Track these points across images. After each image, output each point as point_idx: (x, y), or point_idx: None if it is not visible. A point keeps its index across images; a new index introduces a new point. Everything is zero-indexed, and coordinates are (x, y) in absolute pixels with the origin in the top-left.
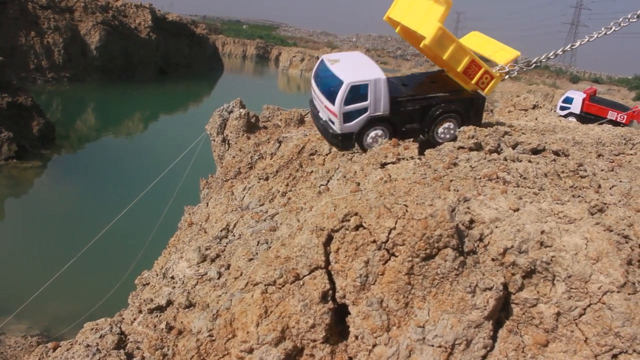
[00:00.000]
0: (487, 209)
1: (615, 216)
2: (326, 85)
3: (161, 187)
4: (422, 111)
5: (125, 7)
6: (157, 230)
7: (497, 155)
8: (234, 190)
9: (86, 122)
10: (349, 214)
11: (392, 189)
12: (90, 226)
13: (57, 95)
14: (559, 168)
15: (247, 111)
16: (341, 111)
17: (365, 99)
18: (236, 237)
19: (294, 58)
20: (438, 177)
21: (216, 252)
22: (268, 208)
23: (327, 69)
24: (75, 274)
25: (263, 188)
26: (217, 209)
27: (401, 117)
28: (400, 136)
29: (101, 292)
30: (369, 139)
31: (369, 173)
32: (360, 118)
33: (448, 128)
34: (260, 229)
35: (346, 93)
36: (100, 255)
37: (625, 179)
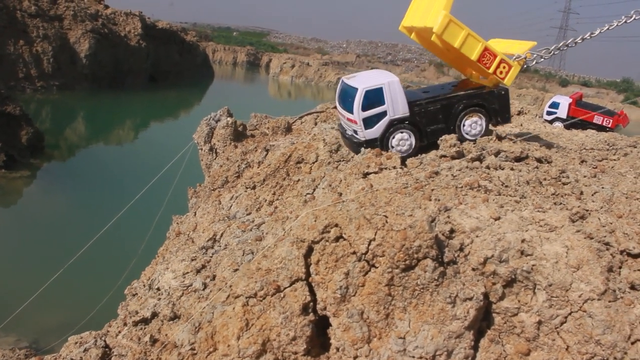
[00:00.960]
0: (468, 218)
1: (596, 223)
2: (346, 98)
3: (152, 196)
4: (445, 111)
5: (114, 15)
6: (149, 238)
7: (479, 163)
8: (221, 200)
9: (76, 131)
10: (329, 225)
11: (373, 199)
12: (80, 236)
13: (47, 104)
14: (541, 175)
15: (234, 120)
16: (360, 117)
17: (382, 103)
18: (222, 247)
19: (285, 65)
20: (420, 186)
21: (202, 263)
22: (255, 217)
23: (346, 84)
24: (65, 285)
25: (250, 197)
26: (205, 219)
27: (423, 119)
28: (428, 138)
29: (92, 302)
30: (395, 142)
31: (351, 183)
32: (381, 122)
33: (475, 122)
34: (246, 239)
35: (362, 98)
36: (91, 265)
37: (608, 185)
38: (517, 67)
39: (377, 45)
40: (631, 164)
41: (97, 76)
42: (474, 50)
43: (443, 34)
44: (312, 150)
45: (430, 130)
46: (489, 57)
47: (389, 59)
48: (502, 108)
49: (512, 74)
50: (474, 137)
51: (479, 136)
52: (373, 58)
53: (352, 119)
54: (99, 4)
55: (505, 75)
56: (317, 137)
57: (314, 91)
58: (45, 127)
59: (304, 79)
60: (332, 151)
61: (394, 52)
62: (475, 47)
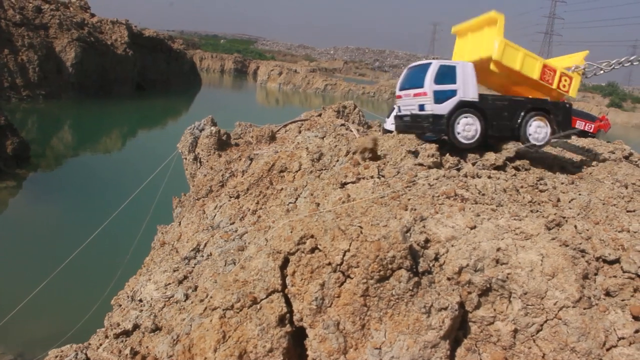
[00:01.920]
0: (444, 228)
1: (572, 231)
2: (415, 76)
3: (139, 205)
4: (512, 109)
5: (101, 24)
6: (136, 248)
7: (457, 172)
8: (205, 209)
9: (62, 140)
10: (304, 237)
11: (349, 210)
12: (67, 246)
13: (33, 113)
14: (518, 183)
15: (218, 129)
16: (431, 89)
17: (454, 82)
18: (205, 257)
19: (272, 72)
20: (396, 196)
21: (184, 274)
22: (238, 227)
23: (415, 67)
24: (53, 295)
25: (234, 206)
26: (189, 228)
27: (491, 111)
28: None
29: (80, 312)
30: (460, 127)
31: (329, 193)
32: (450, 101)
33: (539, 127)
34: (229, 249)
35: (436, 71)
36: (79, 275)
37: (585, 191)
38: (577, 77)
39: (364, 51)
40: (609, 170)
41: (83, 85)
42: (534, 69)
43: (502, 59)
44: (295, 159)
45: (495, 124)
46: (550, 73)
47: (377, 65)
48: (565, 121)
49: (575, 85)
50: (537, 143)
51: (542, 143)
52: (361, 64)
53: (420, 92)
54: (85, 13)
55: (568, 87)
56: (300, 145)
57: (302, 98)
58: (31, 137)
59: (292, 86)
60: (314, 160)
61: (381, 58)
62: (534, 66)
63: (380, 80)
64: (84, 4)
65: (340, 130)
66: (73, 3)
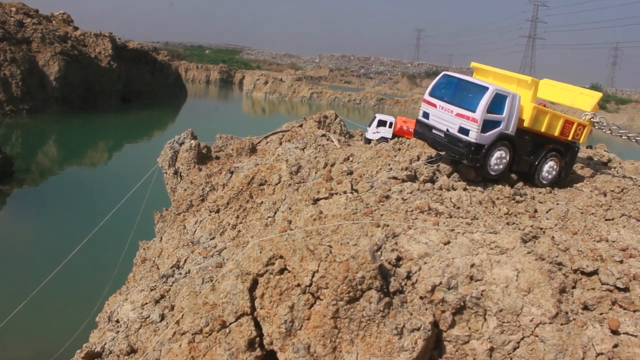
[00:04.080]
0: (416, 244)
1: (548, 243)
2: (464, 93)
3: (124, 220)
4: (536, 145)
5: (84, 37)
6: (122, 262)
7: (432, 184)
8: (186, 224)
9: (47, 155)
10: (273, 257)
11: (320, 227)
12: (51, 263)
13: (16, 128)
14: (494, 195)
15: (198, 142)
16: (483, 117)
17: (502, 112)
18: (183, 274)
19: (258, 81)
20: (369, 211)
21: (161, 293)
22: (217, 242)
23: (461, 80)
24: (36, 314)
25: (214, 221)
26: (170, 244)
27: (520, 146)
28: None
29: (66, 331)
30: (495, 159)
31: (301, 210)
32: (493, 132)
33: (551, 167)
34: (207, 266)
35: (490, 100)
36: (64, 293)
37: (563, 200)
38: (589, 126)
39: (349, 58)
40: (588, 177)
41: (67, 98)
42: (557, 127)
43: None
44: (275, 171)
45: (519, 159)
46: (568, 127)
47: (362, 72)
48: (569, 164)
49: (586, 133)
50: (546, 182)
51: (546, 183)
52: (346, 72)
53: (468, 116)
54: (68, 26)
55: (580, 136)
56: (280, 157)
57: (288, 107)
58: (15, 152)
59: (278, 95)
60: (292, 172)
61: (366, 65)
62: (557, 124)
63: (366, 87)
64: (66, 17)
65: (321, 140)
66: (56, 17)
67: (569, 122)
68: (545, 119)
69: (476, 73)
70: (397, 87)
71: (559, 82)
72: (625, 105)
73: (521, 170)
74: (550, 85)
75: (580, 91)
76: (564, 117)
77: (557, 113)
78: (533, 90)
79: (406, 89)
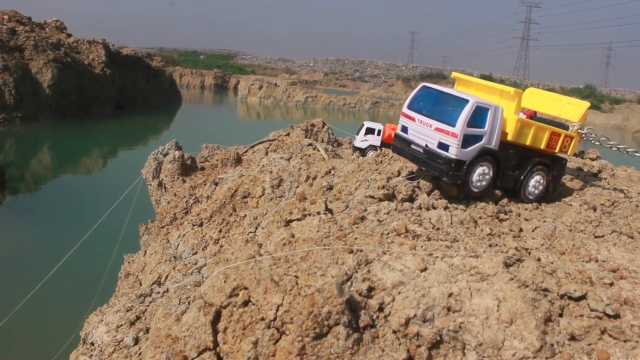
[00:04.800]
0: (391, 272)
1: (532, 267)
2: (443, 107)
3: (112, 231)
4: (521, 159)
5: (77, 44)
6: (109, 275)
7: (410, 204)
8: (169, 238)
9: (41, 162)
10: (237, 288)
11: (290, 253)
12: (38, 274)
13: (10, 136)
14: (476, 213)
15: (182, 153)
16: (463, 132)
17: (483, 126)
18: (160, 294)
19: (252, 86)
20: (342, 235)
21: (137, 314)
22: (199, 258)
23: (441, 92)
24: (21, 327)
25: (197, 235)
26: (152, 259)
27: (504, 160)
28: (500, 181)
29: (51, 346)
30: (477, 175)
31: (273, 232)
32: (475, 147)
33: (538, 182)
34: (186, 284)
35: (470, 113)
36: (48, 306)
37: (550, 217)
38: (577, 137)
39: (344, 62)
40: (577, 190)
41: (61, 106)
42: (543, 139)
43: (515, 139)
44: (259, 183)
45: (504, 174)
46: (554, 139)
47: (357, 76)
48: (557, 178)
49: (574, 146)
50: (532, 198)
51: (532, 198)
52: (341, 75)
53: (447, 131)
54: (61, 33)
55: (568, 148)
56: (265, 168)
57: (283, 111)
58: (8, 160)
59: (273, 100)
60: (274, 186)
61: (361, 69)
62: (543, 137)
63: (361, 91)
64: (59, 25)
65: (308, 150)
66: (49, 24)
67: (555, 134)
68: (530, 132)
69: (457, 84)
70: (392, 90)
71: (545, 90)
72: (620, 105)
73: (506, 186)
74: (537, 95)
75: (568, 100)
76: (550, 129)
77: (542, 125)
78: (516, 101)
79: (401, 92)
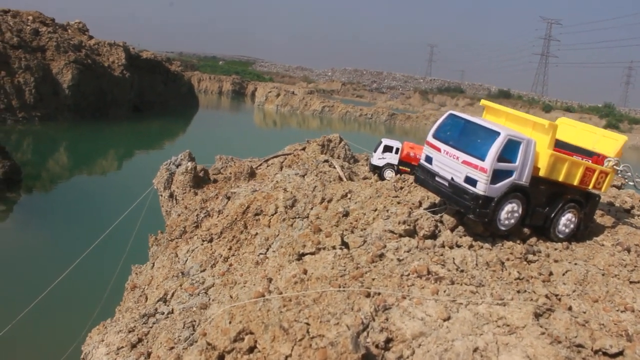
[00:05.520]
0: (411, 321)
1: (565, 320)
2: (471, 138)
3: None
4: (552, 195)
5: (98, 46)
6: (114, 285)
7: (433, 241)
8: (178, 252)
9: (58, 162)
10: (243, 331)
11: (301, 294)
12: (49, 275)
13: (28, 135)
14: (503, 255)
15: (195, 165)
16: (492, 167)
17: (514, 160)
18: (165, 314)
19: (270, 93)
20: (359, 274)
21: (139, 336)
22: (207, 276)
23: (469, 122)
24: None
25: (206, 251)
26: (160, 272)
27: (536, 195)
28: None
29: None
30: (505, 213)
31: (284, 266)
32: (504, 182)
33: (569, 220)
34: (192, 306)
35: (502, 146)
36: (56, 313)
37: (582, 259)
38: (612, 174)
39: (362, 73)
40: (609, 227)
41: (80, 107)
42: (577, 175)
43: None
44: (272, 201)
45: (532, 212)
46: (589, 175)
47: (374, 87)
48: (589, 216)
49: (608, 182)
50: (563, 237)
51: (563, 237)
52: (358, 86)
53: (476, 165)
54: (83, 35)
55: (602, 185)
56: (278, 185)
57: (300, 120)
58: (26, 159)
59: (290, 108)
60: (287, 207)
61: (379, 80)
62: (577, 173)
63: (378, 102)
64: (82, 27)
65: (323, 167)
66: (72, 26)
67: (589, 170)
68: (564, 167)
69: (486, 112)
70: (409, 103)
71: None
72: (639, 125)
73: (535, 224)
74: (569, 126)
75: (603, 133)
76: (584, 164)
77: (576, 160)
78: (551, 134)
79: (418, 105)
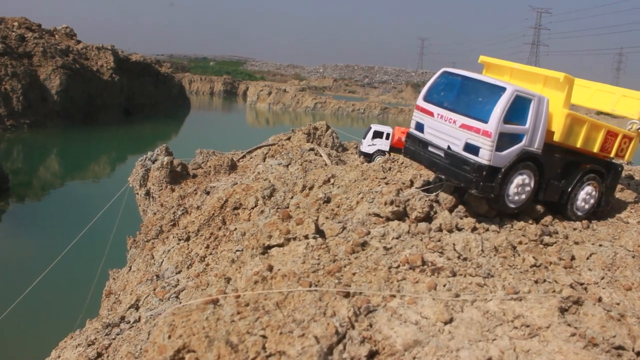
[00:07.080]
0: (402, 326)
1: (599, 315)
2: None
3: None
4: (568, 166)
5: (86, 50)
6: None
7: (428, 224)
8: (154, 253)
9: (49, 169)
10: (182, 349)
11: (262, 296)
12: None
13: (17, 143)
14: (514, 237)
15: (171, 159)
16: (498, 129)
17: (524, 122)
18: (130, 323)
19: (261, 92)
20: (336, 268)
21: (98, 350)
22: (181, 278)
23: (468, 78)
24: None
25: (182, 251)
26: (135, 276)
27: (550, 166)
28: (543, 193)
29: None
30: (515, 187)
31: (246, 262)
32: (513, 149)
33: (589, 194)
34: (160, 312)
35: (509, 105)
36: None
37: (606, 239)
38: (637, 139)
39: (353, 68)
40: (632, 202)
41: (69, 112)
42: (597, 141)
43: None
44: (252, 193)
45: (547, 185)
46: (611, 140)
47: (366, 82)
48: (611, 189)
49: (633, 148)
50: (582, 214)
51: (585, 215)
52: (350, 81)
53: (478, 128)
54: (71, 40)
55: (625, 152)
56: (260, 176)
57: (292, 117)
58: (16, 167)
59: (282, 106)
60: (265, 197)
61: (370, 75)
62: (597, 137)
63: (370, 97)
64: (69, 31)
65: (309, 155)
66: (58, 30)
67: (611, 134)
68: (582, 131)
69: (486, 70)
70: (401, 96)
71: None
72: None
73: (550, 200)
74: (583, 87)
75: (623, 93)
76: (605, 126)
77: (596, 122)
78: (566, 91)
79: (410, 98)
